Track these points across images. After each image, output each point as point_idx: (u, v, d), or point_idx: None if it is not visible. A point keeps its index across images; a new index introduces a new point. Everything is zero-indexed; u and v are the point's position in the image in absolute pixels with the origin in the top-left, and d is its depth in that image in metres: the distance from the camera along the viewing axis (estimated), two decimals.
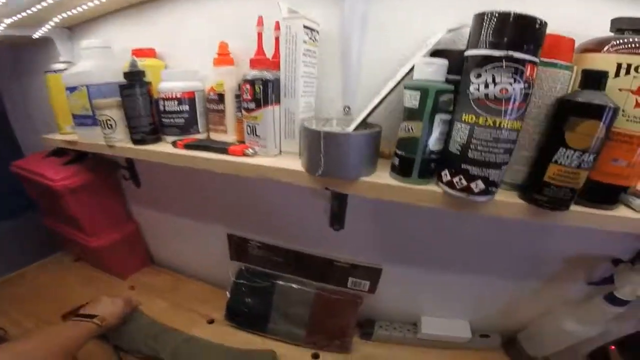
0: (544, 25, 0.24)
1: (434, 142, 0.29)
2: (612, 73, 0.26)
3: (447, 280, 0.54)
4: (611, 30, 0.28)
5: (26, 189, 0.74)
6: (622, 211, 0.30)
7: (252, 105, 0.38)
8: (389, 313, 0.61)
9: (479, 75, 0.25)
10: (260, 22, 0.38)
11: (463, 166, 0.27)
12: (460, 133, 0.27)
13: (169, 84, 0.46)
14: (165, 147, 0.47)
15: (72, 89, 0.50)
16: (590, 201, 0.29)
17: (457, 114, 0.28)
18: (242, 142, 0.44)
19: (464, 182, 0.28)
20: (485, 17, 0.24)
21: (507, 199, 0.29)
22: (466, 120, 0.26)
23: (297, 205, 0.55)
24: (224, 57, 0.45)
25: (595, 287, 0.46)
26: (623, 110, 0.26)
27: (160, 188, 0.69)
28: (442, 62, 0.28)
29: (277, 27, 0.39)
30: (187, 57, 0.52)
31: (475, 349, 0.57)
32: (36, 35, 0.63)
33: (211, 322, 0.65)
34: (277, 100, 0.38)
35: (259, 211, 0.60)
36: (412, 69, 0.30)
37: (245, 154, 0.40)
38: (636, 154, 0.27)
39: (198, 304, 0.69)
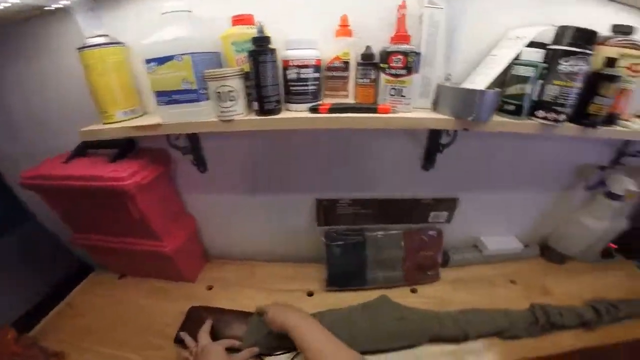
0: (595, 33, 0.57)
1: (534, 95, 0.62)
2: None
3: (499, 200, 0.91)
4: (612, 31, 0.64)
5: (48, 202, 0.74)
6: (618, 128, 0.67)
7: (403, 72, 0.60)
8: (456, 239, 0.95)
9: (566, 60, 0.58)
10: (403, 5, 0.59)
11: (554, 107, 0.61)
12: (553, 90, 0.60)
13: (301, 51, 0.59)
14: (296, 114, 0.61)
15: (161, 60, 0.53)
16: (608, 123, 0.66)
17: (549, 80, 0.60)
18: (362, 102, 0.65)
19: (553, 116, 0.61)
20: (567, 28, 0.57)
21: (568, 125, 0.64)
22: (557, 83, 0.59)
23: (391, 154, 0.81)
24: (345, 28, 0.62)
25: (592, 191, 0.89)
26: (618, 77, 0.62)
27: (230, 169, 0.82)
28: (542, 51, 0.60)
29: (404, 6, 0.59)
30: (288, 25, 0.62)
31: (523, 258, 0.95)
32: (54, 5, 0.62)
33: (311, 294, 0.83)
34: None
35: (349, 169, 0.82)
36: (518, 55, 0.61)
37: (393, 111, 0.63)
38: (623, 97, 0.64)
39: (287, 282, 0.86)
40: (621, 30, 0.63)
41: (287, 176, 0.84)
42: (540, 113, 0.62)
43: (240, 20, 0.60)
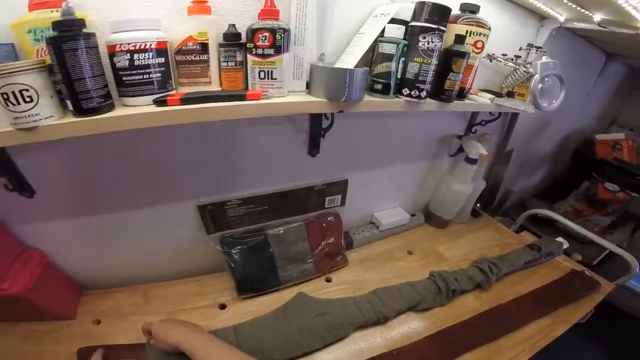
0: (450, 10, 0.60)
1: (399, 73, 0.63)
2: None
3: (383, 176, 0.97)
4: (460, 10, 0.70)
5: None
6: (468, 101, 0.77)
7: (270, 51, 0.54)
8: (354, 220, 0.98)
9: (423, 37, 0.59)
10: None
11: (416, 85, 0.63)
12: (414, 68, 0.62)
13: (134, 33, 0.47)
14: (135, 110, 0.49)
15: None
16: (460, 97, 0.74)
17: (410, 57, 0.62)
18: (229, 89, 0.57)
19: (417, 93, 0.64)
20: (424, 5, 0.58)
21: (430, 100, 0.69)
22: (417, 61, 0.61)
23: (274, 143, 0.75)
24: (200, 5, 0.53)
25: (454, 158, 1.02)
26: (467, 53, 0.69)
27: (70, 187, 0.63)
28: (403, 27, 0.61)
29: None
30: (120, 5, 0.50)
31: (412, 227, 1.06)
32: None
33: (223, 307, 0.75)
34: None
35: (230, 166, 0.74)
36: (382, 31, 0.60)
37: (264, 97, 0.56)
38: (470, 73, 0.72)
39: (192, 299, 0.76)
40: (469, 8, 0.69)
41: (153, 184, 0.69)
42: (405, 90, 0.64)
43: (40, 3, 0.45)
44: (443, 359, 0.68)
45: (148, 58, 0.50)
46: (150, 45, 0.49)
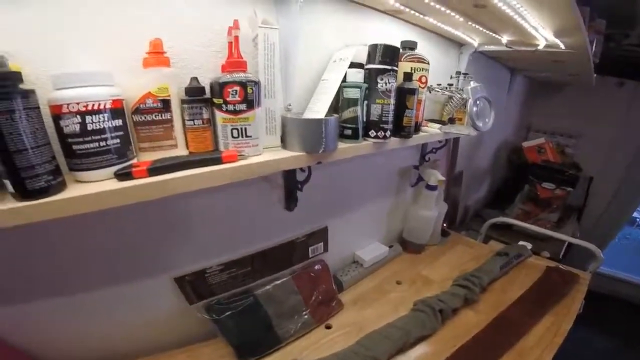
0: (399, 50, 0.70)
1: (364, 117, 0.70)
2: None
3: (358, 215, 1.02)
4: (401, 47, 0.81)
5: None
6: (422, 134, 0.88)
7: (242, 106, 0.53)
8: (339, 262, 1.02)
9: (381, 79, 0.66)
10: (236, 25, 0.54)
11: (381, 125, 0.69)
12: (377, 109, 0.68)
13: (84, 90, 0.42)
14: (93, 188, 0.42)
15: None
16: (415, 131, 0.85)
17: (372, 99, 0.68)
18: (198, 152, 0.55)
19: (382, 134, 0.70)
20: (377, 47, 0.66)
21: (393, 138, 0.76)
22: (379, 102, 0.68)
23: (248, 205, 0.75)
24: (158, 56, 0.50)
25: (415, 187, 1.15)
26: (417, 89, 0.81)
27: (16, 274, 0.55)
28: (362, 71, 0.68)
29: (237, 26, 0.55)
30: (62, 56, 0.46)
31: (393, 258, 1.12)
32: None
33: None
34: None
35: (203, 234, 0.72)
36: (345, 76, 0.66)
37: (240, 158, 0.55)
38: (420, 107, 0.86)
39: None
40: (409, 45, 0.79)
41: (117, 261, 0.64)
42: (372, 132, 0.70)
43: None
44: None
45: (103, 120, 0.44)
46: (105, 104, 0.44)
